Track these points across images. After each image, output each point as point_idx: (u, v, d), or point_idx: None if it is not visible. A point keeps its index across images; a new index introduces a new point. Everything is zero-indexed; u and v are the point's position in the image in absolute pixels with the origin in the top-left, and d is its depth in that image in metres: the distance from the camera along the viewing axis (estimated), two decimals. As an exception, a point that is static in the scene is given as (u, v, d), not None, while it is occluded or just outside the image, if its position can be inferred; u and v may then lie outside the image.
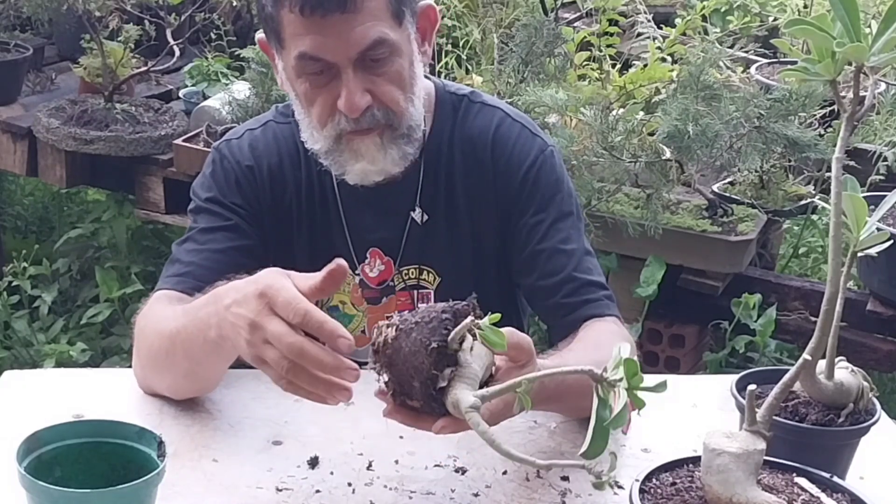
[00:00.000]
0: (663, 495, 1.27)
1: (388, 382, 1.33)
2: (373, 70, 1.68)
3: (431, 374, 1.26)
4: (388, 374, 1.32)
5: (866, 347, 3.01)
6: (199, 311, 1.53)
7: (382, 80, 1.69)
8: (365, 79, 1.68)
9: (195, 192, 1.86)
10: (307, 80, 1.70)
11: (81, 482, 1.34)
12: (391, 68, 1.70)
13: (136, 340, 1.70)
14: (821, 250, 4.02)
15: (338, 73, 1.68)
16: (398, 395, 1.33)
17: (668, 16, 4.23)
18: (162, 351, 1.62)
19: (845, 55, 1.18)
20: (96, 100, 3.73)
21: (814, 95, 3.03)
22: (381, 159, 1.74)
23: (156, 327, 1.64)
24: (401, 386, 1.31)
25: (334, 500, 1.48)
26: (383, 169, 1.75)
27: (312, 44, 1.66)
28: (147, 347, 1.66)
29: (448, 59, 3.88)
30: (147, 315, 1.70)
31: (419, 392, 1.29)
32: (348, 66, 1.66)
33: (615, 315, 1.78)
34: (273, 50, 1.76)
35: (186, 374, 1.63)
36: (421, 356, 1.27)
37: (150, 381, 1.70)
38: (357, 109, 1.68)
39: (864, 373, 1.47)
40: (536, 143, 1.86)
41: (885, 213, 1.33)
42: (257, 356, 1.40)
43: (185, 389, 1.68)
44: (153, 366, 1.66)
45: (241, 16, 4.31)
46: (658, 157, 2.97)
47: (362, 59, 1.67)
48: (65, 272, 4.04)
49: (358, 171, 1.75)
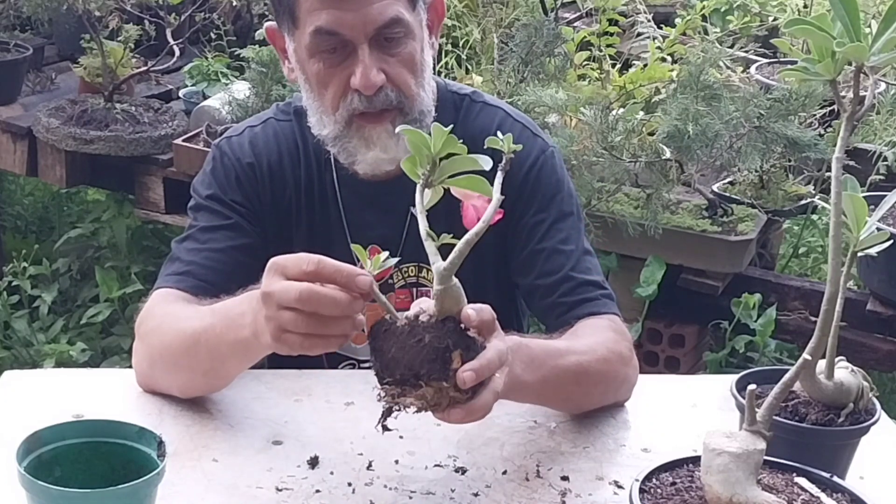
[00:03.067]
0: (663, 495, 1.27)
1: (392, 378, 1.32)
2: (387, 50, 1.69)
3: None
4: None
5: (866, 347, 3.01)
6: (232, 310, 1.53)
7: (396, 62, 1.70)
8: (379, 58, 1.69)
9: (195, 190, 1.86)
10: (320, 60, 1.70)
11: (81, 482, 1.34)
12: (405, 50, 1.70)
13: (147, 338, 1.68)
14: (821, 250, 4.02)
15: (352, 51, 1.68)
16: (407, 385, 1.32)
17: (668, 16, 4.23)
18: (182, 349, 1.61)
19: (845, 55, 1.18)
20: (96, 100, 3.73)
21: (814, 95, 3.03)
22: (393, 147, 1.73)
23: (175, 325, 1.63)
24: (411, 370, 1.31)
25: (334, 500, 1.48)
26: (395, 157, 1.74)
27: (329, 18, 1.66)
28: (162, 345, 1.65)
29: (448, 59, 3.88)
30: (158, 314, 1.69)
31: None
32: (364, 43, 1.67)
33: (614, 313, 1.78)
34: (285, 34, 1.76)
35: (206, 373, 1.62)
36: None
37: (158, 380, 1.69)
38: (373, 86, 1.68)
39: (864, 373, 1.47)
40: (537, 143, 1.86)
41: (885, 213, 1.33)
42: (278, 328, 1.38)
43: (198, 388, 1.68)
44: (168, 364, 1.65)
45: (241, 16, 4.31)
46: (658, 157, 2.97)
47: (377, 37, 1.68)
48: (65, 272, 4.04)
49: (370, 159, 1.75)
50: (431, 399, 1.31)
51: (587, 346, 1.66)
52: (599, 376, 1.67)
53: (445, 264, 1.30)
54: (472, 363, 1.31)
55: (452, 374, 1.30)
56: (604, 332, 1.72)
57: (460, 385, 1.30)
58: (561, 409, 1.70)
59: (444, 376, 1.30)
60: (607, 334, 1.72)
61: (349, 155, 1.77)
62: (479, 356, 1.32)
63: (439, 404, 1.32)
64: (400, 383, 1.30)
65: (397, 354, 1.29)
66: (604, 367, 1.67)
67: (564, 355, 1.61)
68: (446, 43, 3.92)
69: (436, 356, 1.29)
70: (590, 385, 1.66)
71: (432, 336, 1.29)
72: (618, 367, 1.71)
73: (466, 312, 1.32)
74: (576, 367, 1.61)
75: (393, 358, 1.30)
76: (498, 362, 1.35)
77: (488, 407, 1.35)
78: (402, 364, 1.29)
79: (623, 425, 1.71)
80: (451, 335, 1.30)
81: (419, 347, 1.29)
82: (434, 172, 1.28)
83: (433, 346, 1.29)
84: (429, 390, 1.30)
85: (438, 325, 1.30)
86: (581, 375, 1.63)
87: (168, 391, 1.69)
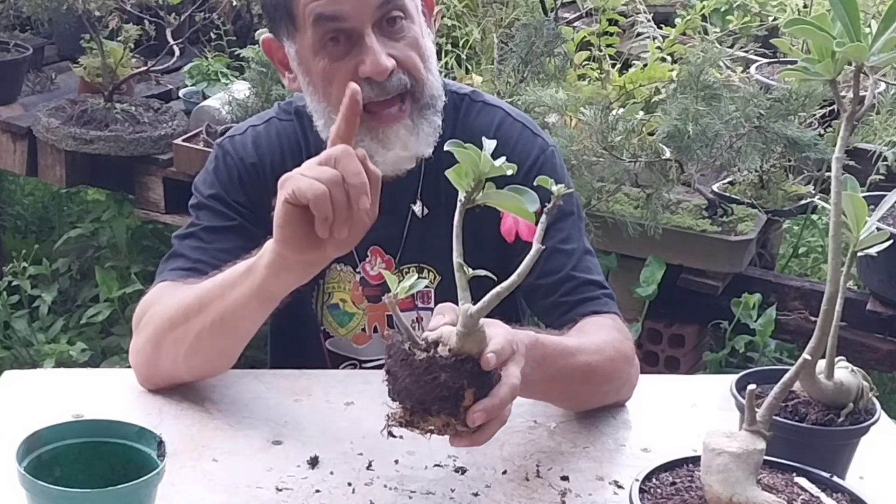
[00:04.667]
0: (663, 495, 1.27)
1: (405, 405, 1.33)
2: (392, 35, 1.69)
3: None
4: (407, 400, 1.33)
5: (866, 347, 3.00)
6: (237, 267, 1.57)
7: (403, 45, 1.69)
8: (386, 43, 1.68)
9: (197, 188, 1.85)
10: (325, 55, 1.69)
11: (81, 482, 1.34)
12: (409, 34, 1.70)
13: (152, 319, 1.67)
14: (821, 250, 4.02)
15: (358, 41, 1.67)
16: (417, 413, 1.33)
17: (668, 15, 4.23)
18: (182, 312, 1.61)
19: (845, 55, 1.18)
20: (96, 100, 3.73)
21: (814, 95, 3.03)
22: (413, 143, 1.73)
23: (176, 295, 1.64)
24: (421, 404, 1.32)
25: (334, 500, 1.48)
26: (417, 152, 1.74)
27: (328, 2, 1.65)
28: (162, 319, 1.64)
29: (448, 58, 3.87)
30: (158, 297, 1.69)
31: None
32: (368, 28, 1.66)
33: (615, 313, 1.78)
34: (284, 38, 1.75)
35: (213, 325, 1.59)
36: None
37: (158, 360, 1.66)
38: (384, 70, 1.66)
39: (863, 372, 1.47)
40: (537, 142, 1.86)
41: (885, 212, 1.33)
42: (296, 191, 1.41)
43: (205, 353, 1.64)
44: (167, 334, 1.63)
45: (241, 16, 4.31)
46: (658, 156, 2.97)
47: (380, 21, 1.67)
48: (65, 272, 4.04)
49: (391, 160, 1.73)
50: (438, 430, 1.33)
51: (596, 345, 1.66)
52: (606, 376, 1.67)
53: (474, 310, 1.30)
54: (484, 403, 1.32)
55: (463, 412, 1.32)
56: (609, 332, 1.72)
57: (469, 424, 1.32)
58: (565, 406, 1.70)
59: (454, 413, 1.32)
60: (613, 334, 1.72)
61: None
62: (492, 393, 1.33)
63: (445, 433, 1.34)
64: (409, 412, 1.32)
65: (411, 386, 1.30)
66: (611, 366, 1.67)
67: (575, 354, 1.61)
68: (446, 43, 3.91)
69: (448, 395, 1.30)
70: (596, 385, 1.67)
71: (448, 376, 1.29)
72: (623, 368, 1.71)
73: (486, 358, 1.32)
74: (584, 367, 1.62)
75: (406, 388, 1.31)
76: (510, 399, 1.36)
77: (493, 435, 1.37)
78: (413, 396, 1.31)
79: (623, 425, 1.71)
80: (466, 376, 1.31)
81: (433, 385, 1.29)
82: (477, 191, 1.26)
83: (447, 385, 1.30)
84: (437, 422, 1.32)
85: (456, 364, 1.30)
86: (588, 375, 1.63)
87: (174, 376, 1.68)
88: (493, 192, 1.26)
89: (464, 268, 1.29)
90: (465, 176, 1.25)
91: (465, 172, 1.25)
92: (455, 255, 1.29)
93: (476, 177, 1.25)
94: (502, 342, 1.36)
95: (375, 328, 1.92)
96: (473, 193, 1.26)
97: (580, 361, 1.61)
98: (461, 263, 1.29)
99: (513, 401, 1.37)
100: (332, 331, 1.93)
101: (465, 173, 1.25)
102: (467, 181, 1.25)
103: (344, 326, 1.92)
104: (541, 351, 1.52)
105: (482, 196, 1.26)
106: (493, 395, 1.33)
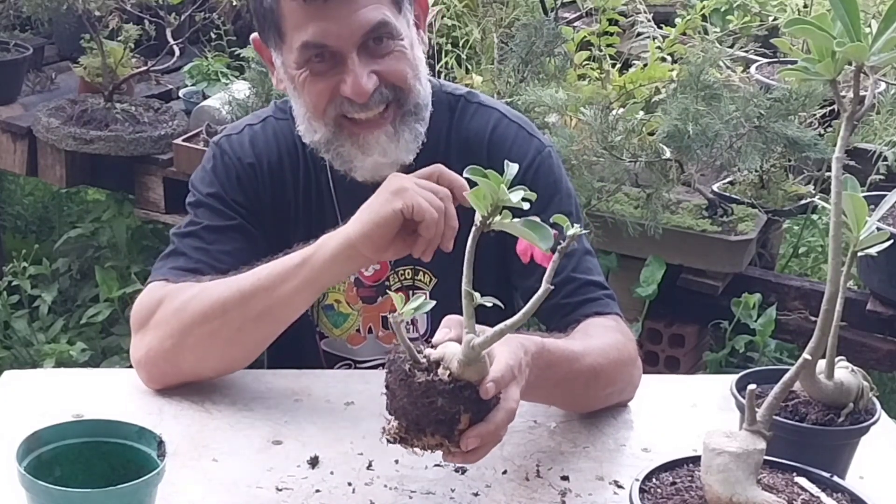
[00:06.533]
0: (663, 495, 1.27)
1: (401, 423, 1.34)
2: (378, 52, 1.69)
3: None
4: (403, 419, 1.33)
5: (866, 347, 3.00)
6: (285, 257, 1.64)
7: (389, 60, 1.70)
8: (369, 63, 1.68)
9: (195, 186, 1.84)
10: (308, 70, 1.70)
11: (81, 482, 1.34)
12: (395, 49, 1.70)
13: (158, 315, 1.68)
14: (821, 250, 4.02)
15: (341, 61, 1.67)
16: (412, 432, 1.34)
17: (668, 15, 4.22)
18: (220, 306, 1.63)
19: (845, 55, 1.17)
20: (96, 99, 3.73)
21: (814, 95, 3.03)
22: (393, 150, 1.73)
23: (204, 292, 1.65)
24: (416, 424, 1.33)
25: (334, 500, 1.48)
26: (396, 160, 1.73)
27: (316, 31, 1.65)
28: (192, 314, 1.64)
29: (448, 58, 3.87)
30: (166, 295, 1.69)
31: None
32: (353, 52, 1.66)
33: (616, 313, 1.78)
34: (271, 47, 1.75)
35: (258, 317, 1.63)
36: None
37: (179, 356, 1.66)
38: (365, 93, 1.67)
39: (864, 372, 1.47)
40: (533, 143, 1.86)
41: (885, 212, 1.33)
42: (415, 207, 1.55)
43: (244, 345, 1.68)
44: (197, 328, 1.64)
45: (241, 15, 4.31)
46: (658, 156, 2.97)
47: (365, 44, 1.67)
48: (65, 272, 4.04)
49: (369, 166, 1.74)
50: (432, 448, 1.35)
51: (600, 349, 1.66)
52: (610, 379, 1.67)
53: (477, 343, 1.29)
54: (479, 428, 1.33)
55: (458, 434, 1.32)
56: (613, 334, 1.71)
57: (463, 448, 1.33)
58: (568, 408, 1.70)
59: (448, 436, 1.33)
60: (616, 336, 1.71)
61: (344, 161, 1.76)
62: (488, 418, 1.34)
63: (438, 451, 1.36)
64: (405, 430, 1.33)
65: (408, 406, 1.31)
66: (614, 370, 1.67)
67: (580, 359, 1.60)
68: (446, 43, 3.91)
69: (444, 418, 1.31)
70: (600, 388, 1.67)
71: (445, 401, 1.30)
72: (627, 370, 1.71)
73: (486, 388, 1.32)
74: (588, 372, 1.62)
75: (403, 407, 1.32)
76: (506, 423, 1.36)
77: (486, 455, 1.38)
78: (410, 416, 1.32)
79: (623, 425, 1.71)
80: (464, 402, 1.31)
81: (430, 408, 1.30)
82: (494, 216, 1.25)
83: (444, 410, 1.30)
84: (431, 441, 1.33)
85: (455, 390, 1.30)
86: (593, 379, 1.63)
87: (195, 373, 1.69)
88: (509, 223, 1.25)
89: (472, 295, 1.28)
90: (483, 199, 1.24)
91: (482, 195, 1.24)
92: (465, 282, 1.28)
93: (493, 203, 1.24)
94: (503, 369, 1.36)
95: (370, 329, 1.92)
96: (489, 219, 1.25)
97: (585, 366, 1.61)
98: (469, 291, 1.28)
99: (510, 423, 1.37)
100: (327, 331, 1.92)
101: (483, 196, 1.24)
102: (485, 204, 1.24)
103: (339, 327, 1.92)
104: (547, 358, 1.52)
105: (497, 223, 1.25)
106: (489, 421, 1.34)
